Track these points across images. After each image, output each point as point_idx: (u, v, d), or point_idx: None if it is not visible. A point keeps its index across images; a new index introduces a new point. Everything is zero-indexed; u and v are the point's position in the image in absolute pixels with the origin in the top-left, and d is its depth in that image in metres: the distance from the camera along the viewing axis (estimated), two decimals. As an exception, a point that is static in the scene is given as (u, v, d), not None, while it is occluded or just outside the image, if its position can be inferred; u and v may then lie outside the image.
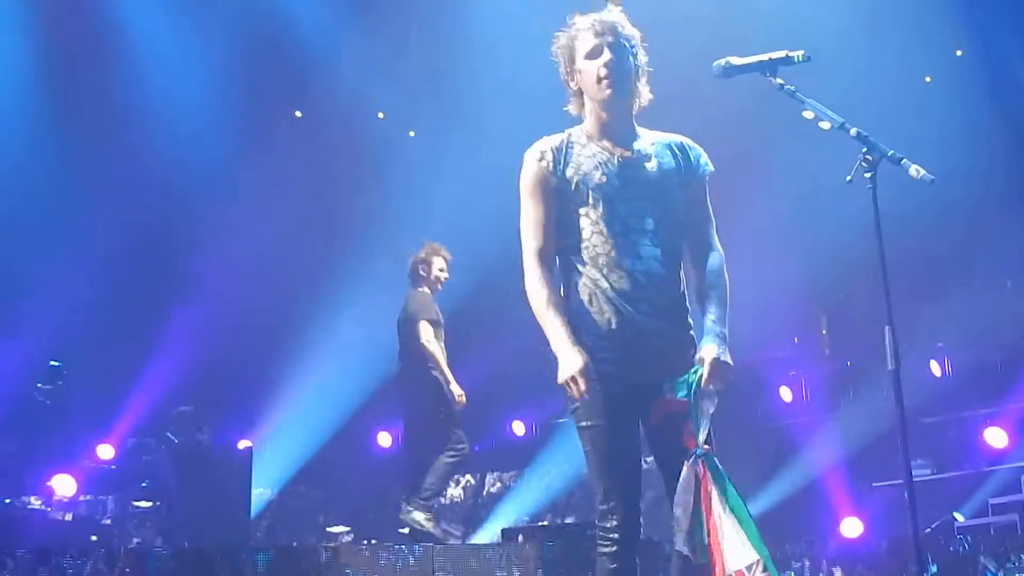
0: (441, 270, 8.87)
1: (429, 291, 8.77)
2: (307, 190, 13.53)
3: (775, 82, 4.05)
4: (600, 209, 4.02)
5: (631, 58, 4.09)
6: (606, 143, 4.12)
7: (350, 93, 13.53)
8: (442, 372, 8.45)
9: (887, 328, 4.12)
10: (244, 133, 13.00)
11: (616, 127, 4.14)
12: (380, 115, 14.46)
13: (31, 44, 12.29)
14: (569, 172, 4.07)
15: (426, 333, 8.53)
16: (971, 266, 12.93)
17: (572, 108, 4.22)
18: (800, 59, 4.05)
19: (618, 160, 4.09)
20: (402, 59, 13.46)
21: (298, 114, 14.38)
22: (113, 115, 12.54)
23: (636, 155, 4.11)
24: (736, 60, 4.11)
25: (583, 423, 3.99)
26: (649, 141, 4.18)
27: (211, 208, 13.05)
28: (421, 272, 8.82)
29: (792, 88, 4.05)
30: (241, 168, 13.04)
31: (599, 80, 4.06)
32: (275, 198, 13.20)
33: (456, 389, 8.38)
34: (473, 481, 13.99)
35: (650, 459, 4.08)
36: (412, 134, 14.67)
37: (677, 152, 4.19)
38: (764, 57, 4.09)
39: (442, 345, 8.61)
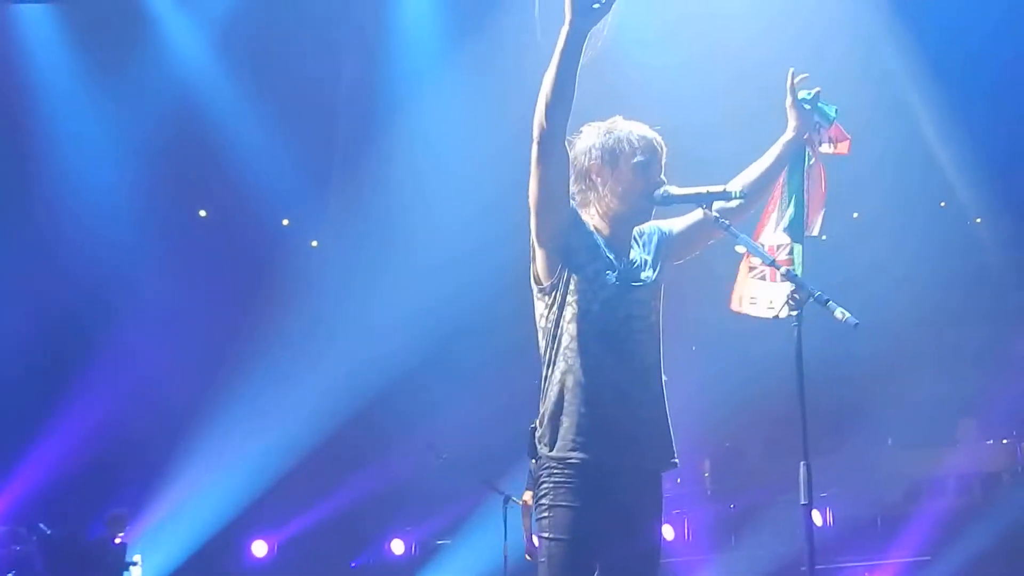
0: None
1: None
2: (208, 289, 13.37)
3: (711, 214, 4.11)
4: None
5: None
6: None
7: (257, 196, 13.49)
8: None
9: (803, 464, 4.19)
10: (152, 226, 12.91)
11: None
12: (285, 222, 14.42)
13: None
14: None
15: None
16: (858, 421, 13.20)
17: (579, 198, 4.25)
18: (737, 195, 4.14)
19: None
20: (315, 169, 13.49)
21: (203, 213, 14.28)
22: (26, 200, 12.42)
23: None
24: (675, 190, 4.17)
25: (547, 534, 3.97)
26: None
27: (113, 299, 12.88)
28: None
29: (726, 222, 4.12)
30: (147, 258, 12.91)
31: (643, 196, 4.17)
32: (178, 294, 13.05)
33: None
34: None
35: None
36: (315, 244, 14.63)
37: None
38: (703, 190, 4.15)
39: None
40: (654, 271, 4.24)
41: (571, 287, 4.08)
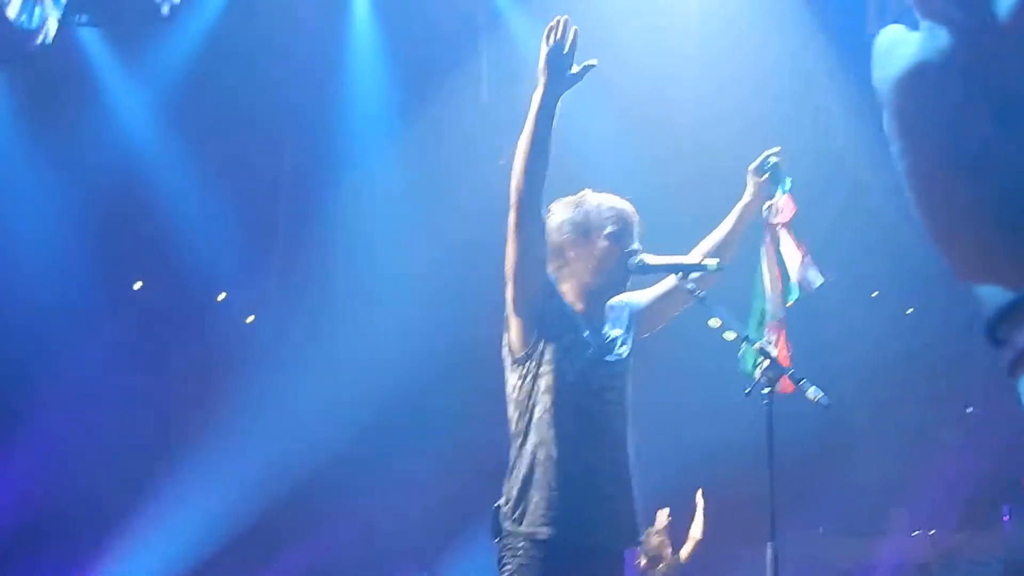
0: None
1: None
2: (140, 363, 13.14)
3: (687, 286, 4.14)
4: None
5: None
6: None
7: (194, 269, 13.31)
8: None
9: (769, 544, 4.19)
10: (86, 297, 12.68)
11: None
12: (221, 296, 14.23)
13: None
14: None
15: None
16: (792, 508, 13.19)
17: (554, 276, 4.25)
18: (713, 268, 4.15)
19: None
20: (255, 244, 13.36)
21: (138, 285, 14.05)
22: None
23: None
24: (650, 259, 4.20)
25: None
26: None
27: (39, 371, 12.61)
28: None
29: (703, 294, 4.13)
30: (80, 330, 12.66)
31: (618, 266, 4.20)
32: (109, 367, 12.82)
33: None
34: None
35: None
36: (251, 320, 14.44)
37: None
38: (679, 260, 4.20)
39: None
40: (627, 346, 4.24)
41: (546, 357, 4.06)
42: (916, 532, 14.02)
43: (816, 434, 12.92)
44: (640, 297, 4.43)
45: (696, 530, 10.19)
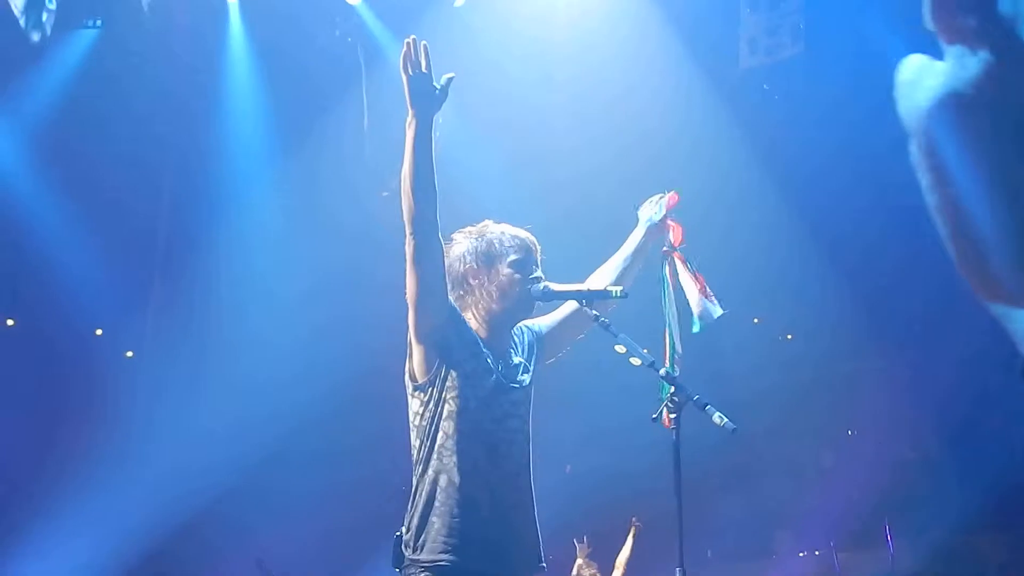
0: None
1: None
2: (15, 402, 12.77)
3: (590, 313, 4.13)
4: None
5: None
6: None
7: (69, 305, 12.99)
8: None
9: (678, 570, 4.18)
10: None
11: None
12: (98, 332, 13.91)
13: None
14: None
15: None
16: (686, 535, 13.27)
17: (458, 304, 4.20)
18: (618, 295, 4.15)
19: None
20: (131, 278, 13.11)
21: (10, 322, 13.68)
22: None
23: None
24: (555, 286, 4.20)
25: None
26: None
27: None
28: None
29: (607, 321, 4.12)
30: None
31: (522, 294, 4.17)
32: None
33: None
34: None
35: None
36: (130, 355, 14.14)
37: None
38: (583, 287, 4.22)
39: None
40: (529, 373, 4.23)
41: (448, 384, 4.03)
42: (802, 554, 14.18)
43: (699, 462, 13.06)
44: (542, 323, 4.43)
45: (622, 557, 10.23)
